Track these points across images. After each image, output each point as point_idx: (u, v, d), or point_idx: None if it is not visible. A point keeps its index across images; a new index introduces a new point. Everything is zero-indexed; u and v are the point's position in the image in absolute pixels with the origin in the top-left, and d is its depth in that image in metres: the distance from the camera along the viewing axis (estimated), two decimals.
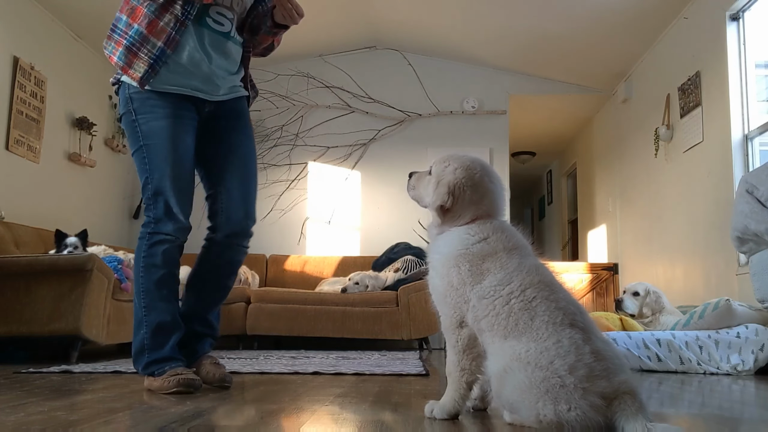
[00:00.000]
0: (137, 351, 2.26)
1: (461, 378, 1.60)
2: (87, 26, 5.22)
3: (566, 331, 1.43)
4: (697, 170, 4.62)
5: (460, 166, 1.69)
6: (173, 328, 2.26)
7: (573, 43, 5.65)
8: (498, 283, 1.53)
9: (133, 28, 2.19)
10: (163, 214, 2.23)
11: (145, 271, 2.24)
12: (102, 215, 5.78)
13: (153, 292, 2.24)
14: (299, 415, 1.72)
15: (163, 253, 2.24)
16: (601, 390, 1.34)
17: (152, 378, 2.19)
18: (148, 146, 2.23)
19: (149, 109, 2.22)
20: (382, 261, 5.80)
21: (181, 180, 2.25)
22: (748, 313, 3.45)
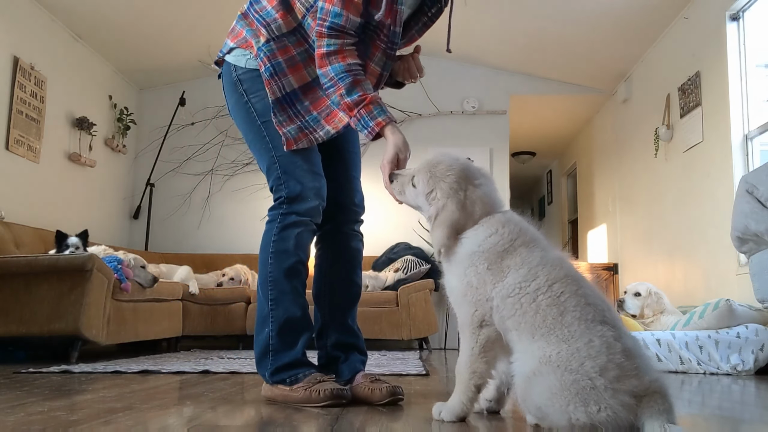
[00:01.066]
0: (261, 352, 1.96)
1: (470, 380, 1.57)
2: (87, 26, 5.22)
3: (597, 328, 1.41)
4: (697, 170, 4.62)
5: (445, 195, 1.66)
6: (305, 326, 1.99)
7: (573, 43, 5.65)
8: (522, 280, 1.50)
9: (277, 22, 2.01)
10: (298, 191, 1.97)
11: (275, 258, 1.97)
12: (102, 215, 5.78)
13: (282, 283, 1.96)
14: (299, 415, 1.72)
15: (297, 237, 1.97)
16: (631, 388, 1.34)
17: (286, 387, 1.90)
18: (266, 123, 2.00)
19: (262, 86, 1.99)
20: (382, 261, 5.80)
21: (309, 152, 2.02)
22: (748, 313, 3.45)
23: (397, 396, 1.92)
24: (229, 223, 6.27)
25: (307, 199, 1.98)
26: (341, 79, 1.88)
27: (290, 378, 1.90)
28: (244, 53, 2.04)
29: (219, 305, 5.15)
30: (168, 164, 6.29)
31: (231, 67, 2.06)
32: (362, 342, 2.16)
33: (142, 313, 4.18)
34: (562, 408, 1.36)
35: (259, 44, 1.99)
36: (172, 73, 6.30)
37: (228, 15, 2.22)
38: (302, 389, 1.85)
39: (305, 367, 1.93)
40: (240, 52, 2.05)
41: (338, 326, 2.12)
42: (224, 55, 2.09)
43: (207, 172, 6.33)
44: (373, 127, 1.88)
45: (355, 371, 2.05)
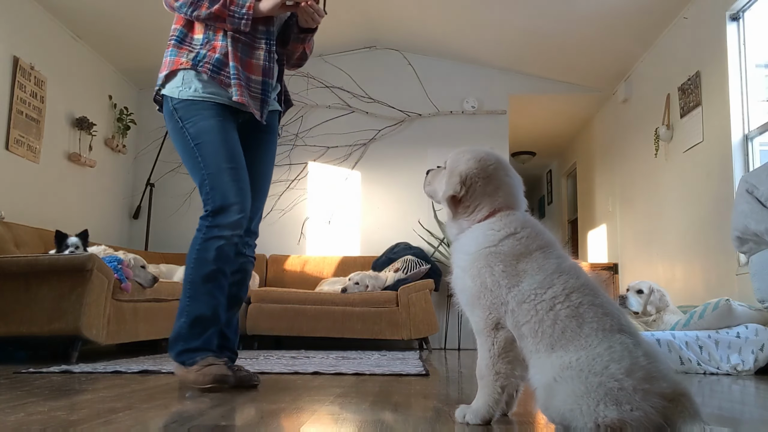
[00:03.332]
0: (174, 338, 2.31)
1: (495, 382, 1.53)
2: (87, 26, 5.22)
3: (616, 336, 1.40)
4: (697, 170, 4.62)
5: (473, 157, 1.65)
6: (211, 322, 2.29)
7: (573, 43, 5.65)
8: (538, 286, 1.48)
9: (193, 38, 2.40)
10: (221, 204, 2.26)
11: (196, 264, 2.28)
12: (102, 215, 5.78)
13: (198, 285, 2.28)
14: (299, 415, 1.72)
15: (217, 250, 2.26)
16: (661, 391, 1.32)
17: (184, 368, 2.25)
18: (199, 144, 2.29)
19: (195, 113, 2.30)
20: (382, 261, 5.80)
21: (236, 171, 2.29)
22: (748, 313, 3.45)
23: (252, 382, 2.31)
24: None
25: (230, 213, 2.26)
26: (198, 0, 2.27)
27: (189, 360, 2.24)
28: (176, 84, 2.35)
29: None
30: (168, 164, 6.28)
31: (168, 100, 2.37)
32: (234, 343, 2.51)
33: (142, 313, 4.18)
34: (591, 409, 1.33)
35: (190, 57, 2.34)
36: None
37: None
38: (194, 371, 2.20)
39: (203, 351, 2.26)
40: (173, 84, 2.35)
41: None
42: (160, 89, 2.40)
43: None
44: (247, 10, 2.24)
45: None
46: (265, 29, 2.37)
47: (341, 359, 3.79)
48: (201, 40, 2.35)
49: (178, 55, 2.36)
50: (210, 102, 2.33)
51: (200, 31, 2.36)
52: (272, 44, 2.38)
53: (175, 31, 2.41)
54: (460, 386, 2.59)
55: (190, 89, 2.32)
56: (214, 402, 1.96)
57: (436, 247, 6.00)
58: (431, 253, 5.95)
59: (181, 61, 2.34)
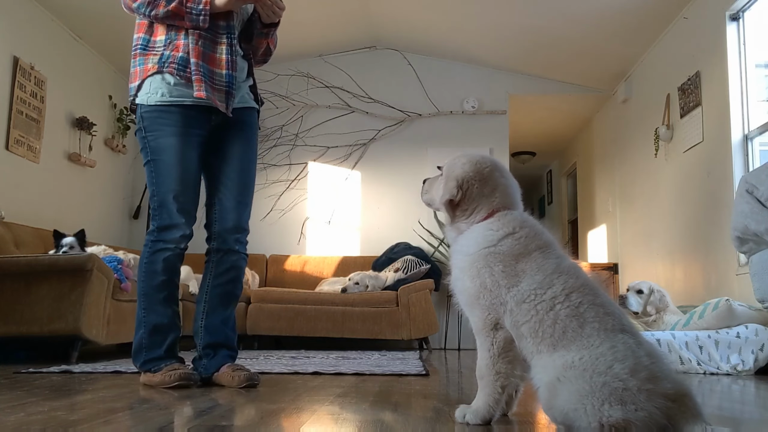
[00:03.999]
0: (136, 349, 2.42)
1: (495, 382, 1.53)
2: (87, 26, 5.22)
3: (619, 336, 1.40)
4: (697, 170, 4.62)
5: (468, 161, 1.67)
6: (170, 329, 2.42)
7: (573, 43, 5.65)
8: (538, 286, 1.48)
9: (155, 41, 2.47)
10: (167, 224, 2.39)
11: (146, 276, 2.40)
12: (102, 215, 5.78)
13: (152, 296, 2.40)
14: (299, 415, 1.72)
15: (164, 261, 2.39)
16: (665, 391, 1.32)
17: (150, 374, 2.36)
18: (155, 161, 2.39)
19: (158, 127, 2.38)
20: (382, 261, 5.80)
21: (184, 193, 2.41)
22: (748, 313, 3.45)
23: (252, 381, 2.32)
24: None
25: (173, 230, 2.39)
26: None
27: (154, 368, 2.36)
28: (146, 90, 2.41)
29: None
30: None
31: (138, 107, 2.46)
32: (232, 341, 2.52)
33: None
34: (595, 408, 1.32)
35: (155, 61, 2.39)
36: None
37: None
38: (160, 375, 2.31)
39: (168, 359, 2.38)
40: (143, 91, 2.42)
41: (210, 329, 2.48)
42: (133, 97, 2.48)
43: None
44: (204, 7, 2.27)
45: (221, 364, 2.43)
46: (226, 24, 2.39)
47: (341, 359, 3.79)
48: (164, 41, 2.40)
49: (145, 63, 2.43)
50: (177, 109, 2.37)
51: (162, 33, 2.42)
52: (233, 38, 2.40)
53: (138, 40, 2.49)
54: (460, 386, 2.59)
55: (158, 95, 2.38)
56: (214, 402, 1.96)
57: (436, 247, 6.00)
58: (431, 253, 5.95)
59: (148, 67, 2.40)
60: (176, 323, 2.45)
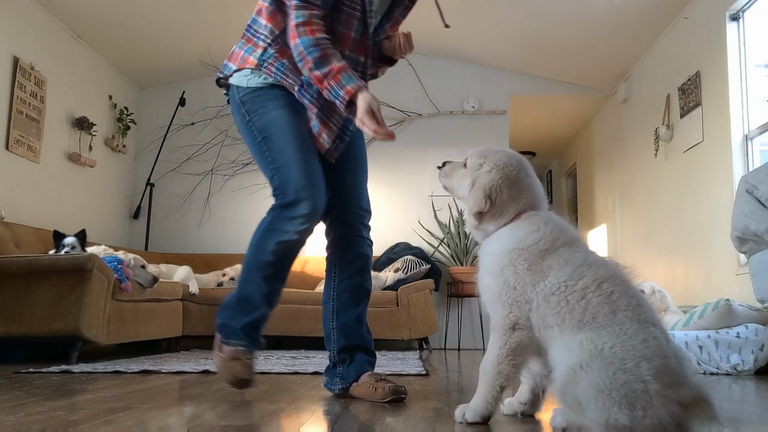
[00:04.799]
0: (224, 305, 2.21)
1: (495, 380, 1.53)
2: (87, 26, 5.22)
3: (650, 329, 1.39)
4: (697, 170, 4.62)
5: (495, 166, 1.65)
6: (258, 306, 2.15)
7: (573, 43, 5.65)
8: (568, 278, 1.48)
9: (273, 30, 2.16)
10: (291, 200, 2.07)
11: (254, 249, 2.15)
12: (102, 215, 5.78)
13: (253, 271, 2.15)
14: (299, 415, 1.72)
15: (277, 244, 2.10)
16: (681, 397, 1.32)
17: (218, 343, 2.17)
18: (266, 138, 2.13)
19: (260, 105, 2.14)
20: (382, 261, 5.80)
21: (307, 163, 2.10)
22: (748, 313, 3.45)
23: (399, 395, 2.00)
24: (229, 223, 6.27)
25: (300, 207, 2.07)
26: (309, 53, 1.99)
27: (225, 337, 2.15)
28: (245, 74, 2.16)
29: (219, 305, 5.13)
30: (168, 164, 6.29)
31: (234, 90, 2.19)
32: (370, 343, 2.22)
33: (142, 313, 4.18)
34: (606, 407, 1.32)
35: (257, 55, 2.15)
36: (172, 73, 6.30)
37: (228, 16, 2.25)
38: (222, 357, 2.12)
39: (242, 336, 2.13)
40: (241, 73, 2.17)
41: (345, 330, 2.19)
42: (227, 77, 2.21)
43: (207, 172, 6.34)
44: (344, 96, 1.99)
45: (360, 372, 2.12)
46: (362, 60, 2.20)
47: None
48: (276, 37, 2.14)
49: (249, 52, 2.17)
50: (281, 87, 2.15)
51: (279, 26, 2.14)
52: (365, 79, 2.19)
53: (254, 25, 2.19)
54: (460, 386, 2.59)
55: (259, 78, 2.15)
56: (214, 402, 1.96)
57: (436, 247, 6.00)
58: (431, 253, 5.95)
59: (249, 59, 2.16)
60: (268, 303, 2.16)
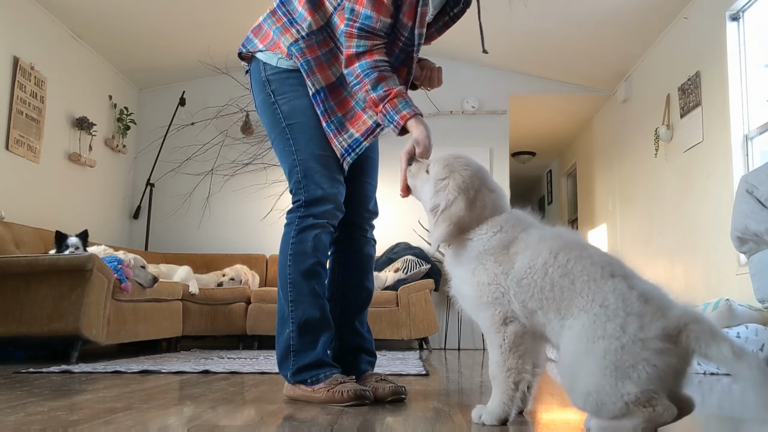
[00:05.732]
0: (283, 354, 2.03)
1: (508, 378, 1.52)
2: (87, 26, 5.22)
3: (608, 283, 1.39)
4: (697, 170, 4.62)
5: (458, 186, 1.64)
6: (323, 325, 2.01)
7: (573, 43, 5.65)
8: (530, 260, 1.49)
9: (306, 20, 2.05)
10: (316, 195, 2.01)
11: (293, 260, 2.01)
12: (102, 215, 5.78)
13: (301, 284, 2.00)
14: (299, 415, 1.72)
15: (315, 239, 2.01)
16: (659, 331, 1.29)
17: (308, 388, 1.95)
18: (291, 126, 2.05)
19: (290, 88, 2.05)
20: (382, 261, 5.80)
21: (330, 160, 2.05)
22: (748, 313, 3.44)
23: (400, 395, 1.98)
24: (229, 223, 6.27)
25: (325, 203, 2.01)
26: (367, 75, 1.90)
27: (311, 378, 1.95)
28: (277, 53, 2.06)
29: (219, 305, 5.15)
30: (168, 164, 6.29)
31: (261, 65, 2.09)
32: (370, 343, 2.20)
33: (142, 313, 4.18)
34: (613, 388, 1.30)
35: (288, 43, 2.03)
36: (172, 73, 6.30)
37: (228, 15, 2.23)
38: (324, 390, 1.90)
39: (327, 367, 1.97)
40: (271, 52, 2.07)
41: (347, 329, 2.16)
42: (252, 52, 2.10)
43: (207, 172, 6.34)
44: (398, 120, 1.88)
45: (361, 372, 2.10)
46: None
47: None
48: (309, 31, 2.03)
49: (279, 37, 2.06)
50: None
51: (317, 24, 2.03)
52: None
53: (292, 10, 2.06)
54: (460, 386, 2.59)
55: (291, 60, 2.04)
56: (214, 402, 1.96)
57: None
58: (431, 253, 5.95)
59: (279, 44, 2.05)
60: (329, 318, 2.04)
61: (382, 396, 1.97)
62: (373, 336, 2.23)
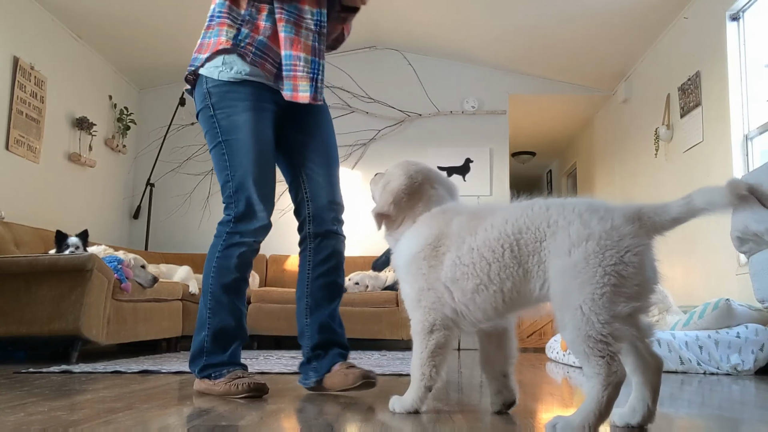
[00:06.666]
0: (196, 352, 2.15)
1: (420, 382, 1.66)
2: (87, 26, 5.22)
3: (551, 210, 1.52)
4: (697, 170, 4.62)
5: (404, 173, 1.78)
6: (236, 334, 2.15)
7: (573, 43, 5.65)
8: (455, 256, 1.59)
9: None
10: (245, 211, 2.12)
11: (216, 273, 2.14)
12: (102, 215, 5.78)
13: (220, 296, 2.13)
14: (299, 415, 1.72)
15: (239, 257, 2.13)
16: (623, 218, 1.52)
17: (210, 381, 2.10)
18: (228, 142, 2.11)
19: (229, 103, 2.11)
20: (382, 261, 5.80)
21: (264, 176, 2.13)
22: (748, 313, 3.44)
23: (369, 379, 2.06)
24: None
25: (254, 220, 2.12)
26: None
27: (215, 373, 2.09)
28: (216, 65, 2.13)
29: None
30: (168, 164, 6.29)
31: (203, 80, 2.15)
32: (342, 337, 2.26)
33: (142, 313, 4.18)
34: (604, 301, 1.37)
35: (231, 35, 2.12)
36: (172, 73, 6.30)
37: None
38: (222, 383, 2.05)
39: (230, 365, 2.11)
40: (212, 64, 2.13)
41: (318, 327, 2.22)
42: (197, 68, 2.16)
43: (207, 172, 6.33)
44: None
45: (333, 363, 2.16)
46: (313, 7, 2.15)
47: None
48: (243, 16, 2.13)
49: (219, 35, 2.13)
50: (250, 83, 2.12)
51: (243, 6, 2.14)
52: (322, 25, 2.16)
53: (216, 8, 2.18)
54: (460, 386, 2.59)
55: (231, 70, 2.11)
56: (214, 402, 1.96)
57: None
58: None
59: (222, 41, 2.12)
60: (243, 327, 2.18)
61: (352, 381, 2.04)
62: (344, 330, 2.29)
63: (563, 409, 1.93)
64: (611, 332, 1.34)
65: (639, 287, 1.38)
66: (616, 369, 1.33)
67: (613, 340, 1.34)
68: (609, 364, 1.33)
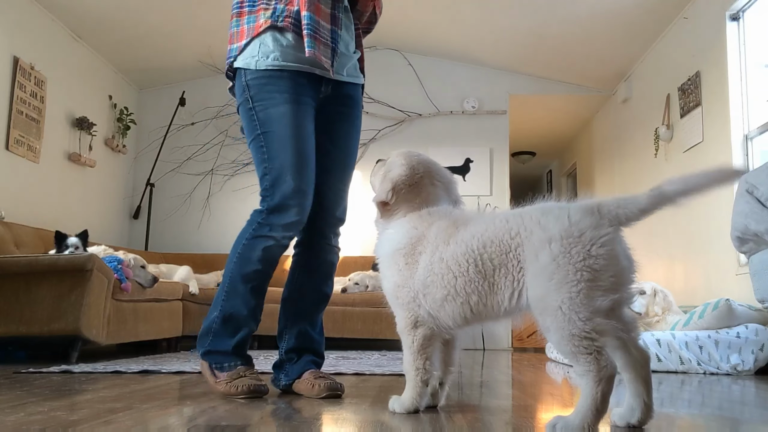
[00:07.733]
0: (204, 331, 2.14)
1: (416, 377, 1.68)
2: (87, 26, 5.22)
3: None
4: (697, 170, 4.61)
5: (406, 163, 1.78)
6: (245, 322, 2.12)
7: (573, 43, 5.65)
8: (429, 260, 1.61)
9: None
10: (279, 204, 2.06)
11: (238, 260, 2.11)
12: (102, 215, 5.78)
13: (238, 283, 2.11)
14: (299, 415, 1.72)
15: (264, 251, 2.09)
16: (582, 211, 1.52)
17: (211, 371, 2.10)
18: (266, 134, 2.08)
19: (267, 95, 2.08)
20: None
21: (302, 169, 2.07)
22: (748, 313, 3.45)
23: (335, 391, 2.06)
24: (230, 223, 6.26)
25: (288, 214, 2.06)
26: None
27: (217, 363, 2.09)
28: (252, 53, 2.10)
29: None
30: (168, 164, 6.29)
31: (241, 73, 2.13)
32: (319, 345, 2.28)
33: (142, 313, 4.18)
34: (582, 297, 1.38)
35: (268, 15, 2.09)
36: (172, 73, 6.30)
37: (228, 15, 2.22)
38: (224, 382, 2.04)
39: (234, 357, 2.10)
40: (248, 53, 2.11)
41: (297, 332, 2.25)
42: (233, 60, 2.14)
43: (207, 172, 6.34)
44: None
45: (304, 370, 2.17)
46: None
47: (341, 359, 3.79)
48: None
49: (256, 20, 2.10)
50: (288, 74, 2.09)
51: None
52: None
53: None
54: (460, 386, 2.59)
55: (268, 58, 2.08)
56: (214, 402, 1.96)
57: None
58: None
59: (260, 24, 2.08)
60: (255, 318, 2.16)
61: (317, 392, 2.05)
62: (324, 338, 2.31)
63: (563, 409, 1.93)
64: (594, 328, 1.35)
65: (614, 278, 1.39)
66: (605, 363, 1.34)
67: (597, 336, 1.35)
68: (597, 359, 1.34)
